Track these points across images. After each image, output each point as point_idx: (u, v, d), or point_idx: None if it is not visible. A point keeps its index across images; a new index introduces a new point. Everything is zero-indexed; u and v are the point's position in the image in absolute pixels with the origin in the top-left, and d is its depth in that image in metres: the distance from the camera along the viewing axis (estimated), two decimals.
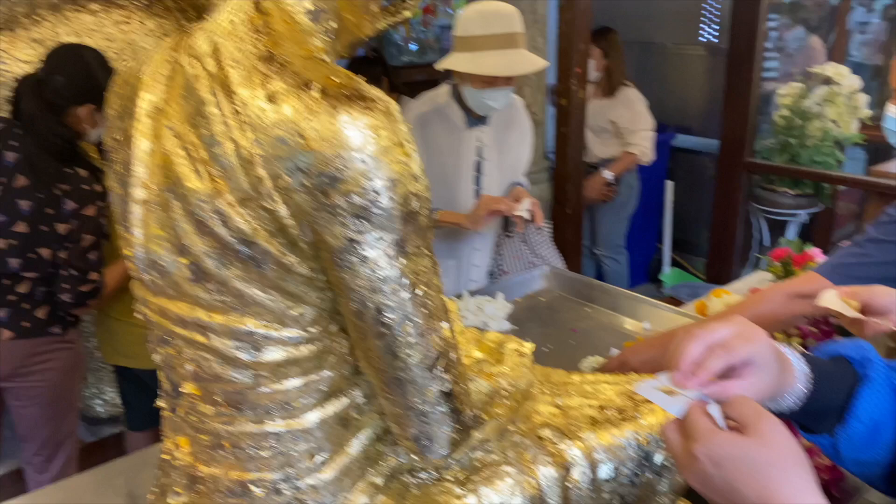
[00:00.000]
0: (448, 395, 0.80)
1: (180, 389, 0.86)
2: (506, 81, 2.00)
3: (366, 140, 0.71)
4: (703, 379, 0.67)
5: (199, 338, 0.80)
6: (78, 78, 1.98)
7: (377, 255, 0.73)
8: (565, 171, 3.15)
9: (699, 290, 3.34)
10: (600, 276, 3.78)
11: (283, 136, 0.71)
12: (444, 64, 2.02)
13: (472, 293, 1.92)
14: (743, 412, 0.63)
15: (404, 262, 0.74)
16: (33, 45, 2.28)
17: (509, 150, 2.27)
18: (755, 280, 2.24)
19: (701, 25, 4.47)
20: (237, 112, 0.73)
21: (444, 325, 0.79)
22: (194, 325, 0.80)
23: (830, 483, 1.19)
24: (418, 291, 0.76)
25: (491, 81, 1.98)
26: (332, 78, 0.73)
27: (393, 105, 0.74)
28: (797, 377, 0.73)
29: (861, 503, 1.23)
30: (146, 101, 0.83)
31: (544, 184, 3.81)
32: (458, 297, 1.88)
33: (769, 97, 4.05)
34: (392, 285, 0.74)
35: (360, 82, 0.75)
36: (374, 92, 0.74)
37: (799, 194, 3.71)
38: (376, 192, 0.71)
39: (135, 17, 2.42)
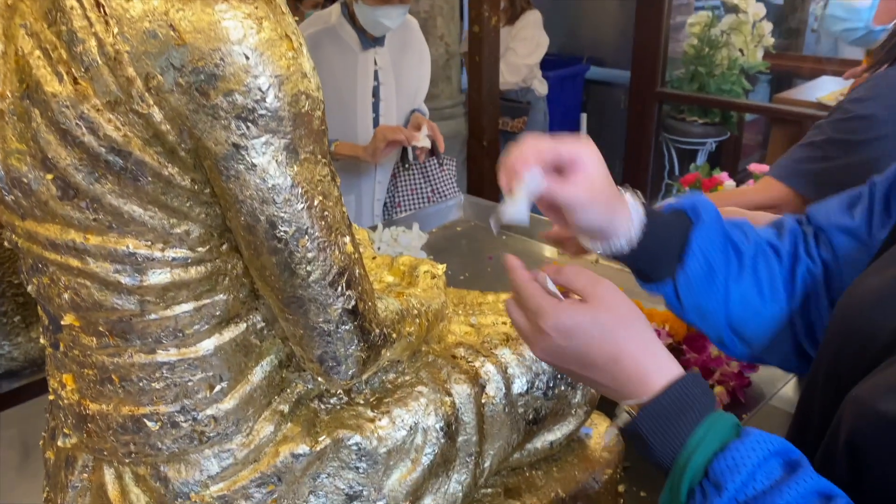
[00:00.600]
0: (353, 313, 0.75)
1: (61, 323, 0.78)
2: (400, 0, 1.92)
3: (246, 31, 0.63)
4: (533, 159, 0.71)
5: (75, 262, 0.73)
6: None
7: (266, 162, 0.67)
8: (479, 101, 3.09)
9: None
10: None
11: (153, 30, 0.63)
12: None
13: (387, 224, 1.87)
14: (580, 282, 0.66)
15: (297, 169, 0.68)
16: None
17: (408, 74, 2.18)
18: None
19: None
20: (99, 4, 0.64)
21: (346, 238, 0.74)
22: (67, 248, 0.72)
23: (737, 389, 1.22)
24: (315, 202, 0.70)
25: None
26: None
27: None
28: (632, 219, 0.77)
29: (767, 409, 1.28)
30: None
31: (461, 118, 3.76)
32: (373, 228, 1.82)
33: (680, 27, 4.08)
34: (284, 195, 0.68)
35: None
36: None
37: (707, 123, 3.80)
38: (261, 91, 0.65)
39: None
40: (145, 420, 0.78)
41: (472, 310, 1.04)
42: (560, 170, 0.73)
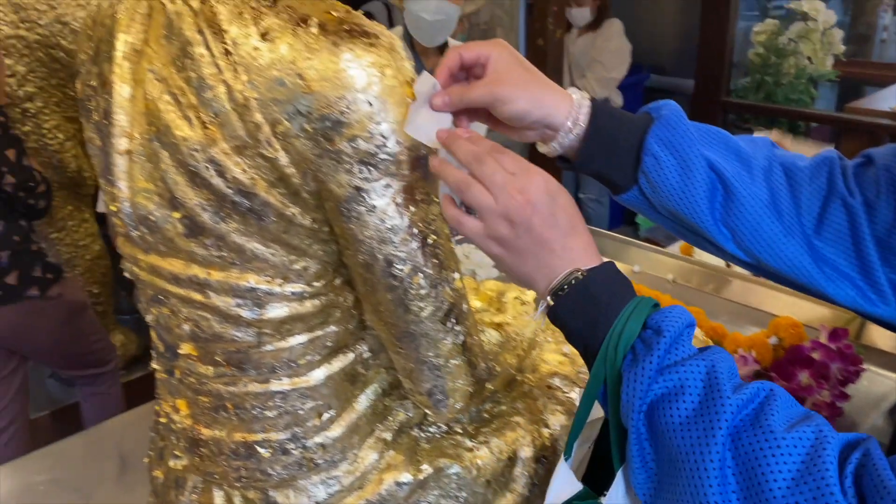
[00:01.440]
0: (462, 348, 0.77)
1: (178, 351, 0.82)
2: None
3: (371, 79, 0.66)
4: (444, 75, 0.71)
5: (197, 296, 0.76)
6: None
7: (385, 204, 0.69)
8: None
9: None
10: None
11: (281, 78, 0.66)
12: None
13: (458, 241, 1.88)
14: (514, 167, 0.65)
15: (414, 210, 0.70)
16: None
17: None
18: None
19: None
20: (228, 52, 0.67)
21: (455, 275, 0.75)
22: (190, 282, 0.76)
23: (829, 419, 1.20)
24: (429, 241, 0.72)
25: None
26: (331, 12, 0.67)
27: (397, 41, 0.69)
28: (574, 108, 0.73)
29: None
30: (123, 42, 0.76)
31: None
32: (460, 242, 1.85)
33: (745, 34, 4.01)
34: (402, 235, 0.70)
35: (360, 16, 0.69)
36: (377, 27, 0.69)
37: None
38: (383, 137, 0.67)
39: None
40: (257, 447, 0.81)
41: (562, 338, 1.04)
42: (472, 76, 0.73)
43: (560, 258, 0.64)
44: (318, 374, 0.80)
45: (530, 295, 1.05)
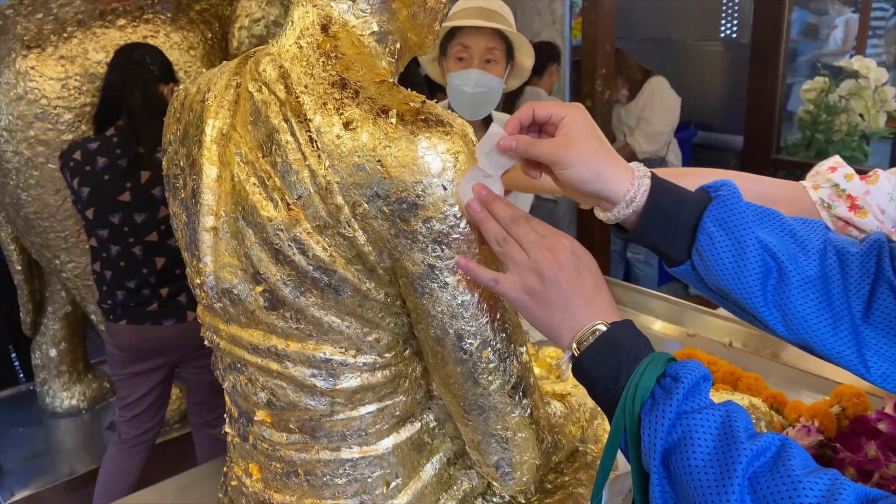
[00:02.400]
0: (529, 421, 0.78)
1: (253, 417, 0.85)
2: (480, 63, 1.76)
3: (445, 165, 0.70)
4: (513, 126, 0.74)
5: (275, 365, 0.80)
6: (159, 56, 2.13)
7: (457, 281, 0.72)
8: None
9: None
10: (628, 279, 3.76)
11: (361, 164, 0.70)
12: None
13: None
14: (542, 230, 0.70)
15: (483, 286, 0.73)
16: (62, 62, 2.29)
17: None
18: None
19: (721, 21, 4.44)
20: (312, 140, 0.72)
21: (523, 348, 0.78)
22: (268, 352, 0.80)
23: None
24: (497, 315, 0.75)
25: (462, 61, 1.78)
26: (408, 103, 0.72)
27: (468, 128, 0.73)
28: (634, 184, 0.75)
29: None
30: (212, 127, 0.82)
31: None
32: None
33: (791, 90, 4.01)
34: (472, 311, 0.73)
35: (435, 106, 0.74)
36: (450, 116, 0.73)
37: None
38: (456, 217, 0.70)
39: (161, 31, 2.42)
40: None
41: None
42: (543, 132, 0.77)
43: (585, 312, 0.68)
44: (387, 443, 0.82)
45: None
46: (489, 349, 0.74)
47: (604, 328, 0.67)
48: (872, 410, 1.26)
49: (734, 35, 4.39)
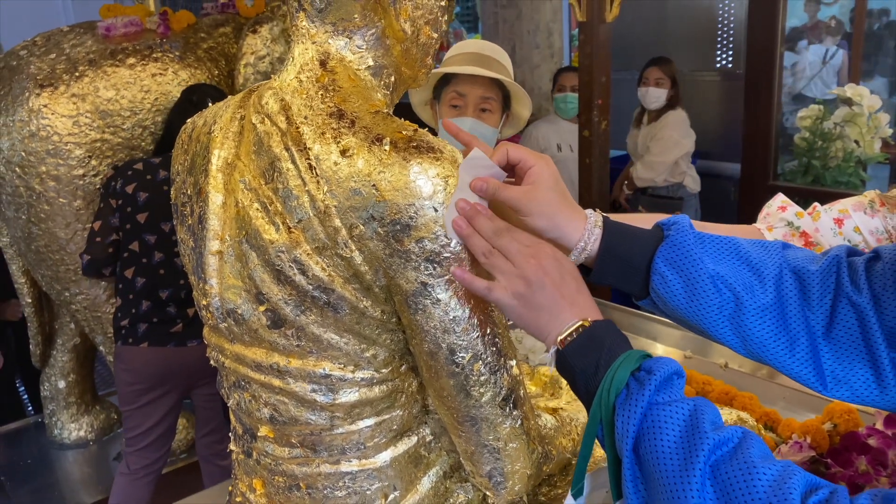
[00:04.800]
0: (520, 431, 0.82)
1: (256, 433, 0.89)
2: (475, 112, 1.71)
3: (436, 188, 0.74)
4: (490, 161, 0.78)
5: (277, 382, 0.83)
6: (218, 94, 2.27)
7: (448, 297, 0.76)
8: (590, 203, 3.18)
9: None
10: (627, 301, 3.79)
11: (357, 188, 0.75)
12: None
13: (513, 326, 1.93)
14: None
15: (474, 302, 0.77)
16: (73, 99, 2.37)
17: None
18: None
19: (717, 52, 4.52)
20: (311, 167, 0.77)
21: (513, 362, 0.82)
22: (271, 369, 0.83)
23: None
24: (488, 330, 0.79)
25: (456, 108, 1.72)
26: (401, 131, 0.77)
27: (458, 154, 0.78)
28: (587, 231, 0.81)
29: None
30: (217, 157, 0.87)
31: None
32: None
33: (788, 118, 4.07)
34: (464, 325, 0.77)
35: (427, 134, 0.79)
36: (440, 142, 0.78)
37: None
38: (447, 237, 0.75)
39: (169, 69, 2.50)
40: None
41: None
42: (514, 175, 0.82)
43: (569, 312, 0.73)
44: (385, 456, 0.85)
45: None
46: (480, 362, 0.78)
47: (586, 325, 0.72)
48: (863, 427, 1.29)
49: (730, 65, 4.48)
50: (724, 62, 4.52)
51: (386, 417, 0.85)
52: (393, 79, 0.89)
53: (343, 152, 0.76)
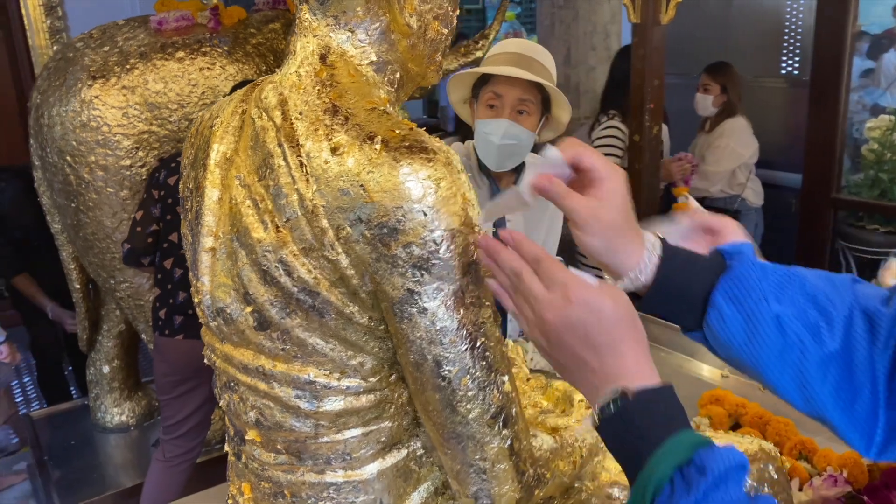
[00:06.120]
0: (509, 452, 0.77)
1: (244, 436, 0.87)
2: (512, 114, 1.67)
3: (426, 191, 0.70)
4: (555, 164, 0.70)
5: (262, 385, 0.81)
6: None
7: (436, 306, 0.72)
8: (637, 207, 3.07)
9: None
10: None
11: (346, 188, 0.71)
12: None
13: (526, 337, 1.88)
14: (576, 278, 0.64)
15: (463, 312, 0.73)
16: (124, 91, 2.41)
17: (535, 233, 1.89)
18: None
19: (782, 57, 4.34)
20: (302, 164, 0.74)
21: (505, 378, 0.77)
22: (257, 372, 0.81)
23: None
24: (478, 343, 0.74)
25: (492, 109, 1.69)
26: (395, 130, 0.73)
27: (454, 155, 0.74)
28: (644, 258, 0.72)
29: None
30: (216, 151, 0.85)
31: None
32: (527, 339, 1.84)
33: (855, 128, 3.88)
34: (451, 337, 0.73)
35: (422, 133, 0.75)
36: (436, 143, 0.74)
37: (891, 231, 3.52)
38: (436, 244, 0.71)
39: (217, 63, 2.53)
40: None
41: None
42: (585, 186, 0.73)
43: (599, 376, 0.63)
44: (371, 469, 0.82)
45: None
46: (468, 377, 0.74)
47: (623, 398, 0.60)
48: None
49: (796, 72, 4.29)
50: (790, 68, 4.34)
51: (374, 428, 0.81)
52: (398, 75, 0.86)
53: (333, 150, 0.73)
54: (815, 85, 3.47)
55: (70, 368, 3.47)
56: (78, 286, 2.77)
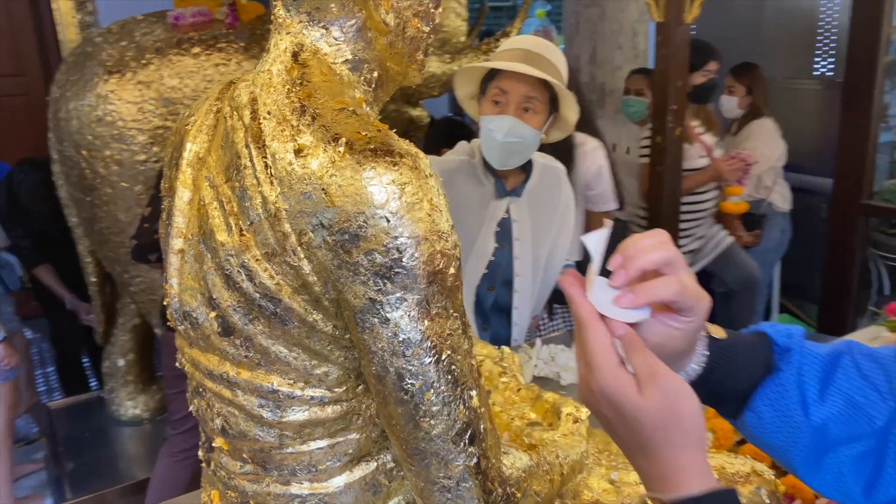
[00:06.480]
0: (475, 471, 0.74)
1: (213, 444, 0.85)
2: (517, 111, 1.63)
3: (389, 196, 0.67)
4: (635, 267, 0.61)
5: (227, 393, 0.79)
6: None
7: (398, 317, 0.69)
8: (659, 210, 3.01)
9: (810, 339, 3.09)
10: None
11: (309, 192, 0.69)
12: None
13: (546, 341, 1.84)
14: (639, 366, 0.59)
15: (427, 324, 0.70)
16: (139, 86, 2.42)
17: (545, 232, 1.85)
18: (868, 334, 2.04)
19: (815, 58, 4.22)
20: (267, 166, 0.72)
21: (473, 392, 0.73)
22: (222, 379, 0.79)
23: None
24: (443, 356, 0.71)
25: (497, 105, 1.65)
26: (361, 132, 0.70)
27: (422, 160, 0.71)
28: (696, 356, 0.68)
29: None
30: (189, 150, 0.83)
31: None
32: (531, 344, 1.80)
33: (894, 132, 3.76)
34: (414, 349, 0.69)
35: (391, 136, 0.72)
36: (404, 146, 0.71)
37: None
38: (399, 251, 0.67)
39: (233, 60, 2.52)
40: None
41: (616, 461, 0.98)
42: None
43: (646, 471, 0.60)
44: (338, 482, 0.79)
45: (584, 412, 1.00)
46: (432, 391, 0.71)
47: None
48: None
49: (829, 73, 4.17)
50: (823, 70, 4.21)
51: (340, 440, 0.78)
52: (376, 74, 0.82)
53: (297, 152, 0.70)
54: (847, 87, 3.36)
55: (89, 360, 3.51)
56: (94, 279, 2.79)
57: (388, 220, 0.67)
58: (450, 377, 0.71)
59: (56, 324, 3.35)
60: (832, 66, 4.15)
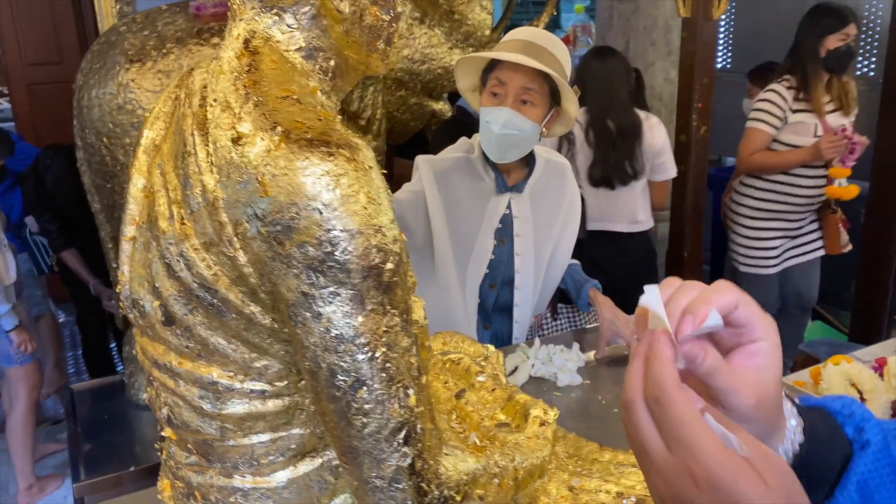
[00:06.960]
0: (409, 472, 0.72)
1: (162, 433, 0.84)
2: (515, 103, 1.58)
3: (322, 188, 0.65)
4: (702, 315, 0.51)
5: (171, 382, 0.78)
6: None
7: (331, 311, 0.67)
8: (683, 210, 2.94)
9: (840, 348, 2.97)
10: None
11: (245, 181, 0.67)
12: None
13: (545, 341, 1.80)
14: (746, 446, 0.49)
15: (361, 320, 0.68)
16: (159, 75, 2.44)
17: (548, 228, 1.80)
18: None
19: (857, 58, 4.07)
20: (209, 154, 0.71)
21: (410, 391, 0.71)
22: (166, 368, 0.78)
23: None
24: (377, 354, 0.69)
25: (496, 97, 1.60)
26: (300, 121, 0.69)
27: (363, 151, 0.69)
28: (788, 427, 0.58)
29: None
30: (146, 137, 0.83)
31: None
32: (529, 343, 1.77)
33: None
34: (347, 345, 0.68)
35: (332, 125, 0.70)
36: (344, 137, 0.69)
37: None
38: (331, 244, 0.66)
39: None
40: None
41: (581, 467, 0.95)
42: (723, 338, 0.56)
43: None
44: (281, 477, 0.78)
45: (552, 414, 0.97)
46: (364, 389, 0.69)
47: None
48: None
49: (871, 73, 4.02)
50: (865, 69, 4.06)
51: (283, 434, 0.77)
52: (333, 63, 0.81)
53: (236, 140, 0.69)
54: (887, 87, 3.23)
55: (115, 344, 3.58)
56: (115, 265, 2.83)
57: (321, 213, 0.65)
58: (384, 375, 0.69)
59: (82, 307, 3.42)
60: (874, 66, 4.01)
